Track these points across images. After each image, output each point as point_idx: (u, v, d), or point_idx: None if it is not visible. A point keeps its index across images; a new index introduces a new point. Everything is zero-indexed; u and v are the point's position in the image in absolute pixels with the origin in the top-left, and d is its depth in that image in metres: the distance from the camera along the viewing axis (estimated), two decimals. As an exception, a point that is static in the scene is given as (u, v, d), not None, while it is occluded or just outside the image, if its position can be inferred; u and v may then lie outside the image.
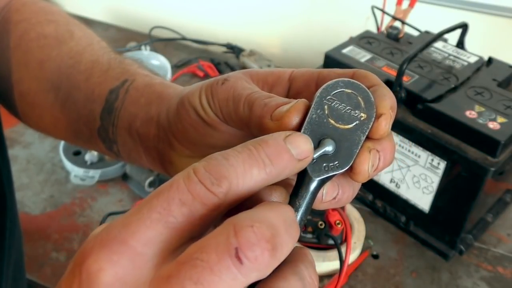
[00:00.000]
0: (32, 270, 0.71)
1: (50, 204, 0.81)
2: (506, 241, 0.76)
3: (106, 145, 0.39)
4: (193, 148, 0.33)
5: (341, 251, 0.65)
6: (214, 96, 0.30)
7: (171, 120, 0.33)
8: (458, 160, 0.64)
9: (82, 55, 0.40)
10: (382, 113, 0.25)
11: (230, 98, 0.29)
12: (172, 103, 0.34)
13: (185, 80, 1.10)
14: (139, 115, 0.36)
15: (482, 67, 0.74)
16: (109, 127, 0.37)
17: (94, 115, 0.38)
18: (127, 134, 0.37)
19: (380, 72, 0.72)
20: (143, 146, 0.36)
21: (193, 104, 0.31)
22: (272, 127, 0.26)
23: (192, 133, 0.32)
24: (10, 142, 0.93)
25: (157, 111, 0.35)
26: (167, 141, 0.34)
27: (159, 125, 0.34)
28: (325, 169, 0.25)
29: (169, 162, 0.34)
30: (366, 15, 1.05)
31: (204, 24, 1.32)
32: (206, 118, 0.30)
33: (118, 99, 0.37)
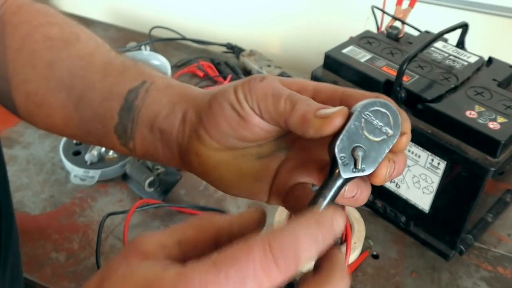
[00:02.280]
0: (32, 270, 0.71)
1: (50, 204, 0.81)
2: (507, 241, 0.76)
3: (122, 141, 0.41)
4: (223, 140, 0.36)
5: (341, 251, 0.65)
6: (252, 91, 0.33)
7: (203, 116, 0.36)
8: (458, 160, 0.64)
9: (93, 56, 0.43)
10: (404, 133, 0.31)
11: (269, 94, 0.33)
12: (199, 101, 0.37)
13: (185, 80, 1.10)
14: (162, 113, 0.39)
15: (482, 67, 0.74)
16: (128, 124, 0.40)
17: (112, 113, 0.40)
18: (148, 130, 0.39)
19: (380, 72, 0.72)
20: (163, 141, 0.39)
21: (228, 99, 0.34)
22: (316, 123, 0.31)
23: (224, 127, 0.35)
24: (10, 142, 0.93)
25: (184, 109, 0.38)
26: (196, 135, 0.37)
27: (186, 122, 0.38)
28: (353, 171, 0.31)
29: (195, 154, 0.37)
30: (366, 15, 1.05)
31: (204, 24, 1.32)
32: (241, 111, 0.34)
33: (138, 98, 0.40)
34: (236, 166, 0.37)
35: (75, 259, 0.73)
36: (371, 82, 0.71)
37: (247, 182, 0.37)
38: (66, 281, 0.70)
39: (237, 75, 1.09)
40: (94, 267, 0.70)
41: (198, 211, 0.80)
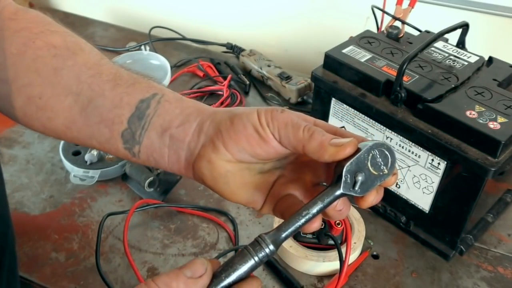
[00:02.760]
0: (31, 270, 0.71)
1: (50, 204, 0.81)
2: (507, 241, 0.76)
3: (126, 146, 0.45)
4: (237, 154, 0.41)
5: (341, 251, 0.65)
6: (274, 120, 0.40)
7: (223, 130, 0.42)
8: (458, 160, 0.64)
9: (101, 66, 0.47)
10: (395, 174, 0.40)
11: (289, 124, 0.40)
12: (218, 117, 0.43)
13: (185, 80, 1.10)
14: (175, 122, 0.44)
15: (483, 67, 0.74)
16: (137, 130, 0.44)
17: (121, 119, 0.45)
18: (158, 136, 0.44)
19: (380, 72, 0.72)
20: (171, 147, 0.44)
21: (253, 122, 0.40)
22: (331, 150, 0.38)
23: (243, 144, 0.41)
24: (10, 142, 0.93)
25: (199, 121, 0.43)
26: (212, 146, 0.42)
27: (202, 132, 0.43)
28: (350, 190, 0.39)
29: (207, 161, 0.42)
30: (366, 15, 1.05)
31: (204, 24, 1.31)
32: (263, 134, 0.40)
33: (150, 108, 0.44)
34: (241, 177, 0.43)
35: (74, 259, 0.72)
36: (371, 82, 0.71)
37: (247, 192, 0.43)
38: (65, 281, 0.69)
39: (237, 75, 1.09)
40: (93, 267, 0.70)
41: (198, 211, 0.80)
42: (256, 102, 1.04)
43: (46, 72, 0.46)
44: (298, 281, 0.69)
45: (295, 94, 1.00)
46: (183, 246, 0.75)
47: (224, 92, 1.02)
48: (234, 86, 1.06)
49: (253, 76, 1.10)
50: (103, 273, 0.69)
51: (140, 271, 0.70)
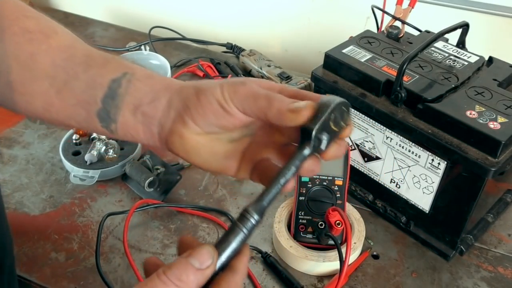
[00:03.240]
0: (31, 270, 0.71)
1: (50, 204, 0.81)
2: (507, 241, 0.76)
3: (103, 124, 0.47)
4: (205, 127, 0.44)
5: (341, 251, 0.65)
6: (236, 93, 0.42)
7: (190, 106, 0.44)
8: (458, 160, 0.64)
9: (74, 49, 0.48)
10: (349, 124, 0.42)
11: (249, 95, 0.42)
12: (185, 92, 0.45)
13: (185, 80, 1.10)
14: (146, 99, 0.45)
15: (483, 67, 0.74)
16: (111, 109, 0.46)
17: (95, 99, 0.46)
18: (131, 114, 0.46)
19: (380, 72, 0.72)
20: (145, 124, 0.46)
21: (217, 97, 0.42)
22: (290, 116, 0.40)
23: (210, 118, 0.43)
24: (10, 142, 0.93)
25: (168, 97, 0.45)
26: (181, 121, 0.44)
27: (171, 108, 0.45)
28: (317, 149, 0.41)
29: (179, 135, 0.45)
30: (366, 15, 1.05)
31: (204, 24, 1.31)
32: (227, 107, 0.42)
33: (121, 87, 0.46)
34: (212, 147, 0.45)
35: (74, 259, 0.72)
36: (371, 82, 0.71)
37: (220, 160, 0.46)
38: (65, 281, 0.69)
39: (237, 75, 1.09)
40: (93, 267, 0.70)
41: (198, 211, 0.80)
42: (256, 102, 1.04)
43: (23, 58, 0.47)
44: (298, 281, 0.69)
45: (295, 94, 1.00)
46: (183, 246, 0.75)
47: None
48: (234, 86, 1.06)
49: (253, 76, 1.10)
50: (103, 273, 0.69)
51: (140, 271, 0.70)
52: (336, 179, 0.74)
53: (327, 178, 0.74)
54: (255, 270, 0.71)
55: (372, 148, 0.76)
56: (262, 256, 0.72)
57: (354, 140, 0.78)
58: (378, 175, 0.77)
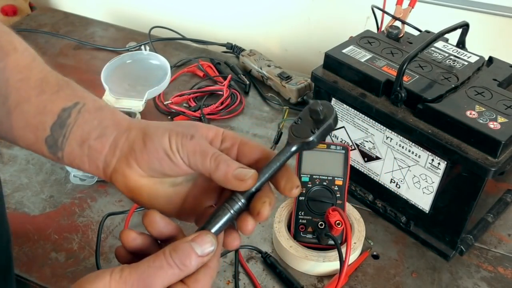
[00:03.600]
0: (31, 270, 0.71)
1: (50, 204, 0.81)
2: (507, 241, 0.76)
3: (51, 151, 0.47)
4: (149, 172, 0.45)
5: (341, 251, 0.65)
6: (184, 146, 0.43)
7: (136, 149, 0.45)
8: (458, 160, 0.64)
9: (30, 70, 0.48)
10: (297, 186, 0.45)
11: (197, 152, 0.43)
12: (132, 135, 0.46)
13: (185, 80, 1.10)
14: (93, 133, 0.46)
15: (483, 67, 0.74)
16: (59, 138, 0.46)
17: (44, 126, 0.46)
18: (78, 145, 0.46)
19: (380, 72, 0.71)
20: (90, 157, 0.46)
21: (164, 147, 0.43)
22: (233, 183, 0.42)
23: (155, 164, 0.44)
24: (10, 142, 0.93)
25: (115, 135, 0.46)
26: (126, 161, 0.45)
27: (117, 148, 0.46)
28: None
29: (122, 175, 0.45)
30: (366, 15, 1.05)
31: (204, 24, 1.31)
32: (173, 158, 0.43)
33: (71, 117, 0.46)
34: (154, 190, 0.46)
35: (74, 260, 0.72)
36: (371, 82, 0.71)
37: (161, 203, 0.47)
38: (65, 282, 0.69)
39: (237, 75, 1.09)
40: (93, 268, 0.70)
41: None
42: (256, 102, 1.04)
43: None
44: (298, 281, 0.69)
45: (295, 94, 1.00)
46: (183, 246, 0.75)
47: (224, 92, 1.02)
48: (234, 86, 1.06)
49: (253, 76, 1.10)
50: (103, 273, 0.69)
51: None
52: (336, 179, 0.74)
53: (327, 178, 0.74)
54: (255, 270, 0.71)
55: (372, 148, 0.76)
56: (262, 256, 0.72)
57: (354, 140, 0.78)
58: (378, 175, 0.77)
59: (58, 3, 1.50)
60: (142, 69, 1.10)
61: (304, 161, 0.75)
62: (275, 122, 0.98)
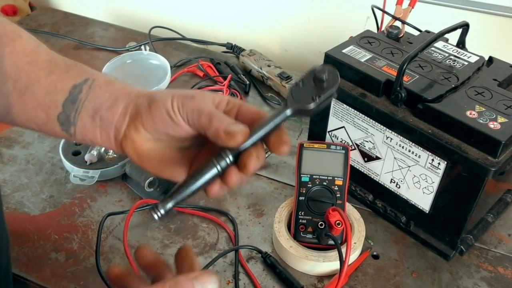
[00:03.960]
0: (31, 270, 0.71)
1: (50, 204, 0.81)
2: (507, 241, 0.76)
3: (63, 127, 0.49)
4: (155, 134, 0.46)
5: (341, 251, 0.65)
6: (184, 106, 0.45)
7: (142, 113, 0.46)
8: (458, 160, 0.64)
9: (37, 54, 0.50)
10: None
11: (195, 110, 0.44)
12: (140, 100, 0.47)
13: (185, 80, 1.10)
14: (105, 104, 0.47)
15: (483, 67, 0.74)
16: (71, 113, 0.48)
17: (56, 104, 0.48)
18: (90, 118, 0.48)
19: (380, 72, 0.71)
20: (102, 128, 0.48)
21: (166, 107, 0.45)
22: (224, 138, 0.43)
23: (159, 126, 0.46)
24: (10, 142, 0.93)
25: (125, 103, 0.47)
26: (134, 126, 0.46)
27: (127, 114, 0.47)
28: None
29: (131, 141, 0.47)
30: (366, 15, 1.05)
31: (204, 24, 1.31)
32: (174, 118, 0.45)
33: (82, 93, 0.48)
34: (162, 154, 0.47)
35: (74, 260, 0.72)
36: (371, 82, 0.71)
37: (169, 167, 0.48)
38: (65, 281, 0.69)
39: (237, 75, 1.09)
40: (93, 268, 0.70)
41: (198, 211, 0.80)
42: (256, 102, 1.04)
43: None
44: (298, 281, 0.69)
45: (295, 94, 1.00)
46: (183, 246, 0.75)
47: (224, 92, 1.02)
48: (234, 86, 1.06)
49: (253, 76, 1.10)
50: (103, 273, 0.69)
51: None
52: (336, 179, 0.74)
53: (327, 178, 0.74)
54: (255, 270, 0.71)
55: (372, 148, 0.76)
56: (262, 256, 0.72)
57: (354, 140, 0.78)
58: (378, 175, 0.77)
59: (58, 3, 1.50)
60: (142, 69, 1.10)
61: (304, 161, 0.75)
62: (275, 122, 0.98)
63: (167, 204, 0.44)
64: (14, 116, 0.50)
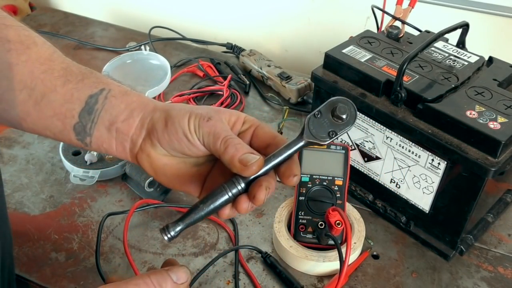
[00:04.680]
0: (31, 270, 0.71)
1: (50, 204, 0.81)
2: (507, 241, 0.76)
3: (79, 137, 0.49)
4: (170, 151, 0.47)
5: (341, 251, 0.65)
6: (200, 128, 0.45)
7: (158, 129, 0.46)
8: (458, 160, 0.64)
9: (52, 61, 0.49)
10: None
11: (211, 133, 0.45)
12: (157, 115, 0.47)
13: (185, 80, 1.10)
14: (121, 116, 0.48)
15: (483, 67, 0.74)
16: (88, 124, 0.48)
17: (72, 113, 0.48)
18: (106, 129, 0.48)
19: (380, 72, 0.72)
20: (118, 139, 0.48)
21: (182, 127, 0.46)
22: (238, 167, 0.43)
23: (175, 144, 0.46)
24: (10, 142, 0.93)
25: (142, 116, 0.48)
26: (150, 141, 0.47)
27: (144, 127, 0.47)
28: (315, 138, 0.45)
29: (147, 155, 0.47)
30: (366, 15, 1.05)
31: (204, 24, 1.31)
32: (191, 138, 0.46)
33: (98, 103, 0.48)
34: (178, 169, 0.48)
35: (74, 259, 0.72)
36: (371, 82, 0.71)
37: (184, 182, 0.49)
38: (65, 281, 0.69)
39: (237, 75, 1.09)
40: (93, 268, 0.70)
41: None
42: (256, 102, 1.04)
43: (1, 66, 0.48)
44: (298, 281, 0.69)
45: (295, 94, 1.00)
46: (183, 246, 0.75)
47: (224, 92, 1.02)
48: (234, 86, 1.06)
49: (253, 76, 1.10)
50: (103, 273, 0.69)
51: (140, 271, 0.70)
52: (336, 179, 0.74)
53: (327, 178, 0.74)
54: (255, 270, 0.71)
55: (372, 148, 0.76)
56: (262, 256, 0.72)
57: (354, 140, 0.78)
58: (378, 175, 0.77)
59: (58, 3, 1.50)
60: (142, 69, 1.10)
61: (304, 161, 0.75)
62: (275, 122, 0.98)
63: (177, 227, 0.45)
64: (29, 125, 0.50)
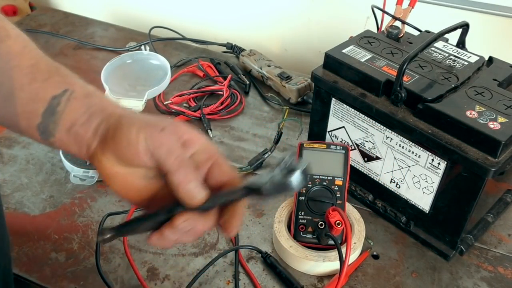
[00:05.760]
0: (31, 270, 0.71)
1: (50, 204, 0.81)
2: (507, 241, 0.76)
3: (43, 137, 0.49)
4: (119, 160, 0.46)
5: (341, 251, 0.65)
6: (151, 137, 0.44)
7: (108, 137, 0.46)
8: (458, 160, 0.64)
9: (22, 57, 0.49)
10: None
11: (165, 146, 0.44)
12: (111, 121, 0.47)
13: (185, 80, 1.10)
14: (80, 120, 0.47)
15: (483, 67, 0.74)
16: (50, 124, 0.48)
17: (37, 113, 0.48)
18: (66, 132, 0.48)
19: (380, 72, 0.72)
20: (76, 143, 0.48)
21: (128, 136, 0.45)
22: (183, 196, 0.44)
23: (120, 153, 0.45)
24: (10, 142, 0.93)
25: (98, 122, 0.47)
26: (101, 148, 0.47)
27: (97, 133, 0.47)
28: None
29: (98, 161, 0.47)
30: (366, 15, 1.05)
31: (204, 24, 1.31)
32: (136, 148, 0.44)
33: (60, 105, 0.48)
34: (127, 179, 0.47)
35: (74, 260, 0.72)
36: (371, 82, 0.71)
37: (133, 193, 0.48)
38: (65, 282, 0.69)
39: (237, 75, 1.09)
40: (93, 268, 0.70)
41: (198, 211, 0.80)
42: (256, 102, 1.04)
43: None
44: (298, 281, 0.69)
45: (295, 94, 1.00)
46: (183, 246, 0.75)
47: (224, 92, 1.02)
48: (234, 86, 1.06)
49: (253, 76, 1.10)
50: (103, 273, 0.69)
51: (140, 271, 0.70)
52: (336, 179, 0.74)
53: (327, 178, 0.74)
54: (255, 270, 0.71)
55: (372, 148, 0.76)
56: (262, 256, 0.72)
57: (354, 140, 0.78)
58: (378, 175, 0.77)
59: (58, 3, 1.50)
60: (142, 69, 1.10)
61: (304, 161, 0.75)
62: (275, 122, 0.98)
63: (108, 234, 0.47)
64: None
